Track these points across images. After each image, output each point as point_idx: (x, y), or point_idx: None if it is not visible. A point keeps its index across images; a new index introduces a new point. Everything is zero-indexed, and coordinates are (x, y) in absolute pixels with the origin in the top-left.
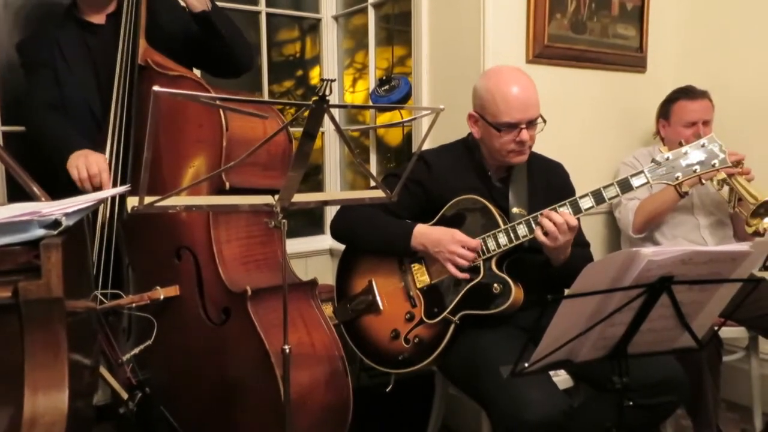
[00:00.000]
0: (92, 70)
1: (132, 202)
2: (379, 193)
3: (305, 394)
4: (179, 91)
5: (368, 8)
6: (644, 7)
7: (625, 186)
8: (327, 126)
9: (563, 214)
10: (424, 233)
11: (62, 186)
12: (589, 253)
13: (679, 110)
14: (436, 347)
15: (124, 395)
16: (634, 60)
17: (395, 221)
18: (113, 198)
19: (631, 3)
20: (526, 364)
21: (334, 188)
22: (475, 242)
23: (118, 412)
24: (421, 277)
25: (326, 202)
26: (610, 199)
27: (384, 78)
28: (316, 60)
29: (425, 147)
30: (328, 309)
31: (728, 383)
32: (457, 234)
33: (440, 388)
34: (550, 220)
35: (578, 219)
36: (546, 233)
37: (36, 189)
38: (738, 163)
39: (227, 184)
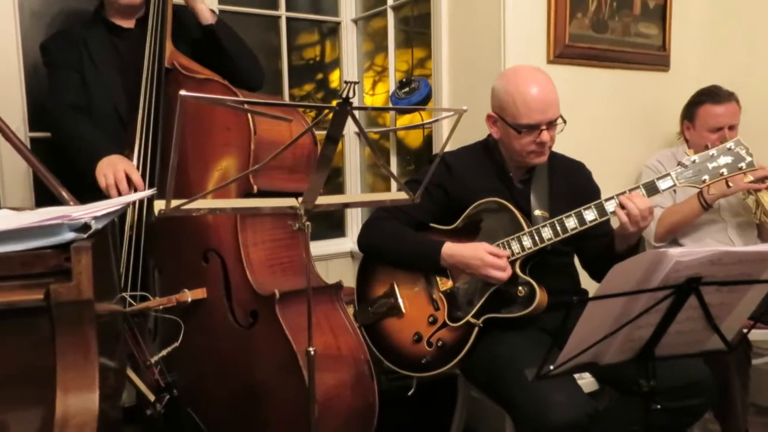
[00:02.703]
0: (119, 73)
1: (159, 205)
2: (401, 195)
3: (331, 396)
4: (206, 95)
5: (387, 11)
6: (667, 5)
7: (652, 189)
8: (347, 129)
9: (637, 196)
10: (452, 255)
11: (87, 188)
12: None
13: (704, 114)
14: (460, 350)
15: (151, 397)
16: (656, 59)
17: (422, 239)
18: (141, 200)
19: (653, 1)
20: (552, 367)
21: (355, 191)
22: (504, 253)
23: (145, 414)
24: (444, 280)
25: (349, 204)
26: None
27: (404, 80)
28: (336, 63)
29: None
30: (349, 312)
31: (757, 387)
32: (484, 256)
33: (463, 391)
34: (633, 202)
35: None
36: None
37: (65, 193)
38: (764, 179)
39: (255, 188)
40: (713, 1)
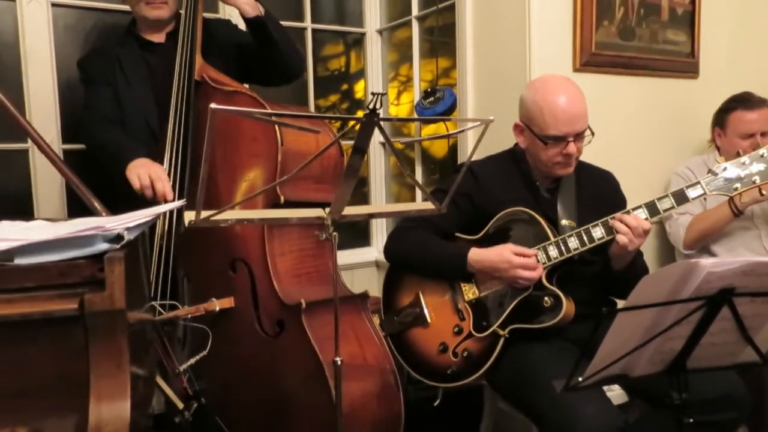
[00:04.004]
0: (150, 87)
1: (189, 216)
2: (427, 206)
3: (357, 407)
4: (235, 108)
5: (412, 21)
6: (695, 11)
7: (681, 198)
8: (372, 139)
9: (636, 217)
10: (479, 260)
11: (119, 199)
12: (644, 261)
13: (736, 120)
14: (486, 361)
15: (180, 405)
16: (685, 66)
17: (447, 246)
18: (171, 210)
19: (681, 8)
20: (580, 378)
21: (380, 201)
22: (531, 252)
23: (173, 422)
24: (469, 290)
25: (375, 215)
26: (665, 210)
27: (429, 90)
28: (361, 74)
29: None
30: (375, 321)
31: None
32: (511, 257)
33: (489, 402)
34: (623, 222)
35: None
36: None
37: (97, 204)
38: None
39: (282, 198)
40: (742, 7)
